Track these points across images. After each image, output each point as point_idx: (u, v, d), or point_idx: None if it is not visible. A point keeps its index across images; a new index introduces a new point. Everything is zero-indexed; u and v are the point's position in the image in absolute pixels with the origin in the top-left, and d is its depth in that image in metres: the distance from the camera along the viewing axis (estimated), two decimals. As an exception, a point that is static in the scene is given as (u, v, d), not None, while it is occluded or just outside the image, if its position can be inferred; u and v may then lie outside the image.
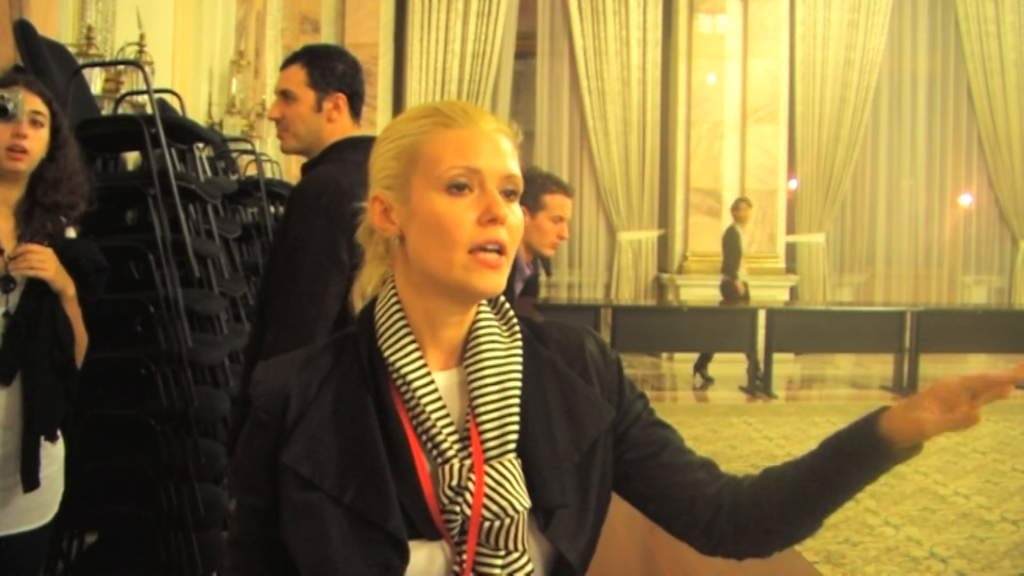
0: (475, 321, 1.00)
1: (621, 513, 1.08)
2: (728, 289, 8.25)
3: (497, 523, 0.92)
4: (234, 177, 4.56)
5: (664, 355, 9.13)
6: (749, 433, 6.23)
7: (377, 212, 1.00)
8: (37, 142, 1.88)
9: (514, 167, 0.97)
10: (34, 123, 1.87)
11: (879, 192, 10.22)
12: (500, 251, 0.94)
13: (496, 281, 0.95)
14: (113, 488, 2.54)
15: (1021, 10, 9.83)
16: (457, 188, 0.94)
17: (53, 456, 1.94)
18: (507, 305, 1.03)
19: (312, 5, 8.54)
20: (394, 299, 0.99)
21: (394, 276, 1.01)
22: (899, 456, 0.98)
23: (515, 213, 0.96)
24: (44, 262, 1.84)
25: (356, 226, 1.05)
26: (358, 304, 1.05)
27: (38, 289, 1.85)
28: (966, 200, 10.29)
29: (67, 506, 2.01)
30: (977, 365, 9.39)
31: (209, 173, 3.92)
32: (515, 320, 1.03)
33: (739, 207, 8.31)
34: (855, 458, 0.99)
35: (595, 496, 1.00)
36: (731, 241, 8.21)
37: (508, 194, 0.96)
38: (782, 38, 9.49)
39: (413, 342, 0.97)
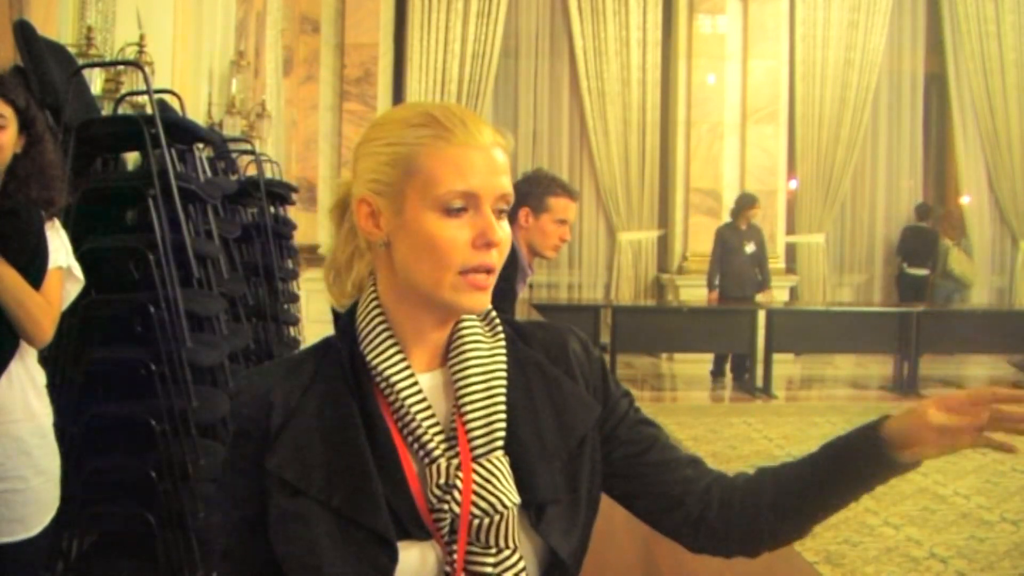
0: (458, 323, 1.01)
1: (621, 513, 1.08)
2: None
3: (487, 520, 0.92)
4: (234, 177, 4.57)
5: (664, 355, 9.12)
6: (749, 433, 6.22)
7: (364, 214, 0.98)
8: None
9: (507, 184, 0.97)
10: None
11: (879, 192, 10.21)
12: (489, 272, 0.95)
13: (482, 300, 0.96)
14: (113, 488, 2.54)
15: (1021, 10, 9.82)
16: (453, 209, 0.94)
17: (40, 468, 1.91)
18: (488, 305, 1.04)
19: (312, 5, 8.53)
20: (375, 304, 1.00)
21: (375, 279, 1.01)
22: (899, 469, 0.98)
23: (505, 231, 0.96)
24: None
25: None
26: (330, 279, 1.05)
27: None
28: (966, 200, 10.28)
29: (67, 506, 2.01)
30: (977, 365, 9.38)
31: (209, 173, 3.92)
32: (498, 321, 1.04)
33: None
34: (855, 467, 0.98)
35: (586, 492, 1.00)
36: None
37: (499, 211, 0.96)
38: (782, 38, 9.48)
39: (395, 345, 0.97)
